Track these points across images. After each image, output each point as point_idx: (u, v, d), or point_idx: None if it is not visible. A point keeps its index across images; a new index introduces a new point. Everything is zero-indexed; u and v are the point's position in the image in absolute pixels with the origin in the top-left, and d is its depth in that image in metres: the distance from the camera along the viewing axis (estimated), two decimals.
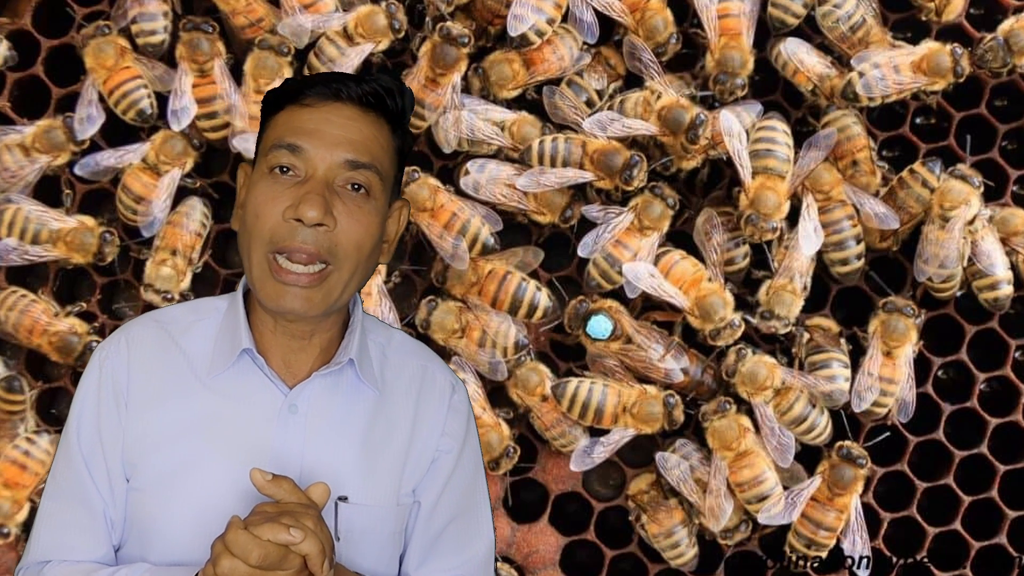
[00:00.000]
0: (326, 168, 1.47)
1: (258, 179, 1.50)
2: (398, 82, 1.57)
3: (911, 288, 2.55)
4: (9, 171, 2.48)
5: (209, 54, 2.46)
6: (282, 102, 1.52)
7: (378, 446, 1.58)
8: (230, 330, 1.56)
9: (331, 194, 1.46)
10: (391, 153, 1.54)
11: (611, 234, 2.44)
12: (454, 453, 1.63)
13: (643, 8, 2.45)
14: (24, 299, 2.48)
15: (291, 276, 1.46)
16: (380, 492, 1.57)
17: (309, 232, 1.45)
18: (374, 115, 1.52)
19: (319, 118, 1.48)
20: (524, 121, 2.48)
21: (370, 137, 1.50)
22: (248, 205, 1.50)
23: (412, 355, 1.67)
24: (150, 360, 1.55)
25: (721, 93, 2.45)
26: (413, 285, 2.62)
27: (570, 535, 2.61)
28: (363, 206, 1.49)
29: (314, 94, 1.50)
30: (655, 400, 2.45)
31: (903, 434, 2.55)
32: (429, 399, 1.63)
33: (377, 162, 1.50)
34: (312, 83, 1.52)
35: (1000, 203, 2.55)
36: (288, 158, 1.47)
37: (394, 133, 1.54)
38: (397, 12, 2.45)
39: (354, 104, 1.50)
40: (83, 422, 1.55)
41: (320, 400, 1.55)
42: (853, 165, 2.47)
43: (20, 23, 2.56)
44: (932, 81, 2.45)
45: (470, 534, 1.66)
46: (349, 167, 1.48)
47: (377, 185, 1.50)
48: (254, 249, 1.48)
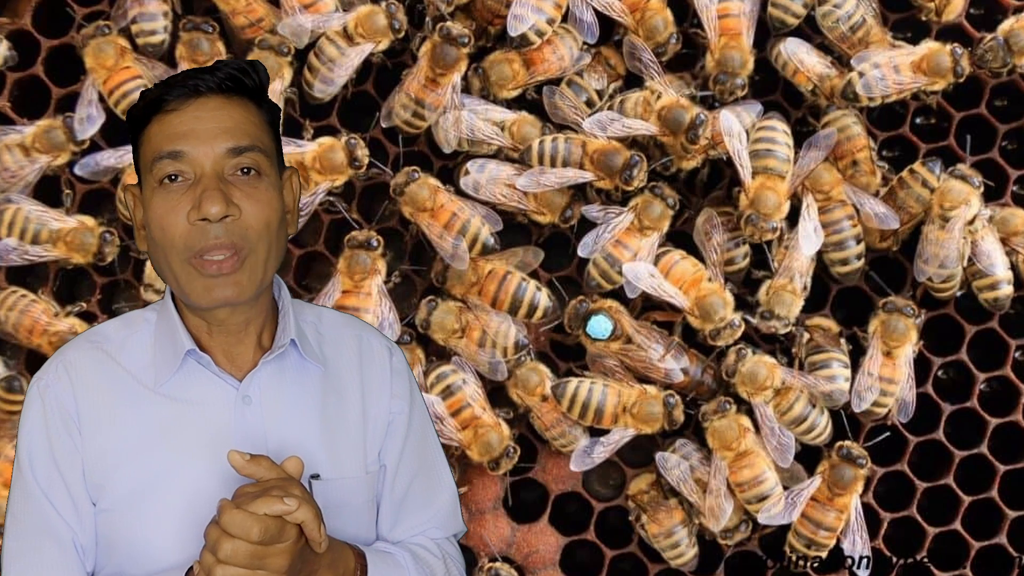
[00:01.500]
0: (212, 162, 1.48)
1: (150, 195, 1.51)
2: (247, 61, 1.60)
3: (911, 288, 2.55)
4: (9, 171, 2.48)
5: (209, 54, 2.46)
6: (147, 115, 1.53)
7: (335, 420, 1.60)
8: (167, 336, 1.56)
9: (226, 184, 1.48)
10: (265, 128, 1.56)
11: (611, 234, 2.44)
12: (405, 413, 1.67)
13: (643, 8, 2.45)
14: (24, 299, 2.48)
15: (214, 265, 1.47)
16: (348, 464, 1.60)
17: (219, 227, 1.47)
18: (238, 98, 1.53)
19: (189, 118, 1.50)
20: (524, 121, 2.48)
21: (242, 120, 1.52)
22: (150, 222, 1.51)
23: (345, 327, 1.70)
24: (93, 380, 1.55)
25: (721, 93, 2.45)
26: (413, 285, 2.62)
27: (570, 535, 2.61)
28: (258, 186, 1.51)
29: (175, 96, 1.51)
30: (655, 400, 2.45)
31: (903, 434, 2.55)
32: (371, 366, 1.66)
33: (257, 141, 1.52)
34: (169, 87, 1.53)
35: (1000, 203, 2.55)
36: (173, 166, 1.48)
37: (260, 108, 1.56)
38: (397, 12, 2.45)
39: (215, 94, 1.52)
40: (35, 455, 1.53)
41: (270, 386, 1.57)
42: (853, 165, 2.47)
43: (20, 23, 2.56)
44: (932, 81, 2.45)
45: (433, 487, 1.70)
46: (233, 154, 1.49)
47: (264, 163, 1.52)
48: (172, 260, 1.50)
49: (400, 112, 2.47)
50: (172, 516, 1.51)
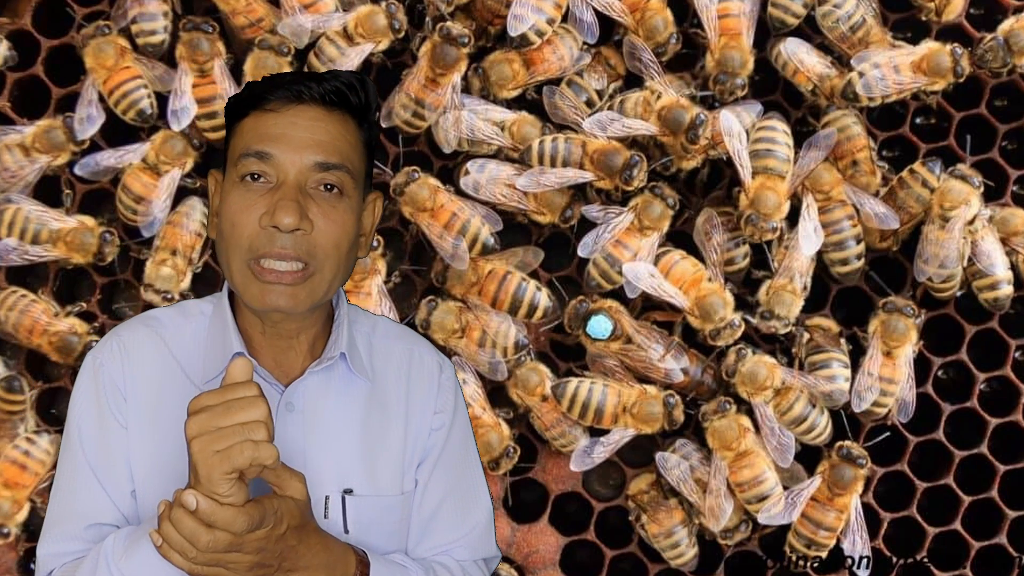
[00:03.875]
0: (297, 172, 1.47)
1: (230, 188, 1.50)
2: (359, 76, 1.58)
3: (911, 288, 2.55)
4: (9, 171, 2.48)
5: (209, 54, 2.46)
6: (246, 108, 1.52)
7: (376, 436, 1.59)
8: (219, 334, 1.56)
9: (304, 197, 1.47)
10: (359, 148, 1.54)
11: (611, 234, 2.44)
12: (444, 428, 1.65)
13: (643, 8, 2.45)
14: (24, 299, 2.48)
15: (274, 274, 1.46)
16: (384, 482, 1.58)
17: (287, 238, 1.46)
18: (339, 113, 1.52)
19: (285, 122, 1.48)
20: (524, 121, 2.48)
21: (337, 136, 1.50)
22: (223, 214, 1.50)
23: (398, 340, 1.68)
24: (146, 365, 1.55)
25: (721, 93, 2.45)
26: (413, 285, 2.62)
27: (570, 535, 2.61)
28: (337, 206, 1.49)
29: (277, 98, 1.50)
30: (655, 400, 2.45)
31: (903, 434, 2.55)
32: (419, 381, 1.65)
33: (347, 160, 1.50)
34: (274, 86, 1.51)
35: (1000, 203, 2.55)
36: (258, 165, 1.47)
37: (360, 127, 1.55)
38: (397, 12, 2.45)
39: (317, 104, 1.50)
40: (85, 430, 1.53)
41: (315, 396, 1.56)
42: (853, 165, 2.47)
43: (20, 23, 2.56)
44: (932, 81, 2.45)
45: (467, 507, 1.67)
46: (319, 169, 1.48)
47: (349, 183, 1.51)
48: (233, 258, 1.49)
49: (400, 112, 2.47)
50: None
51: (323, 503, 1.53)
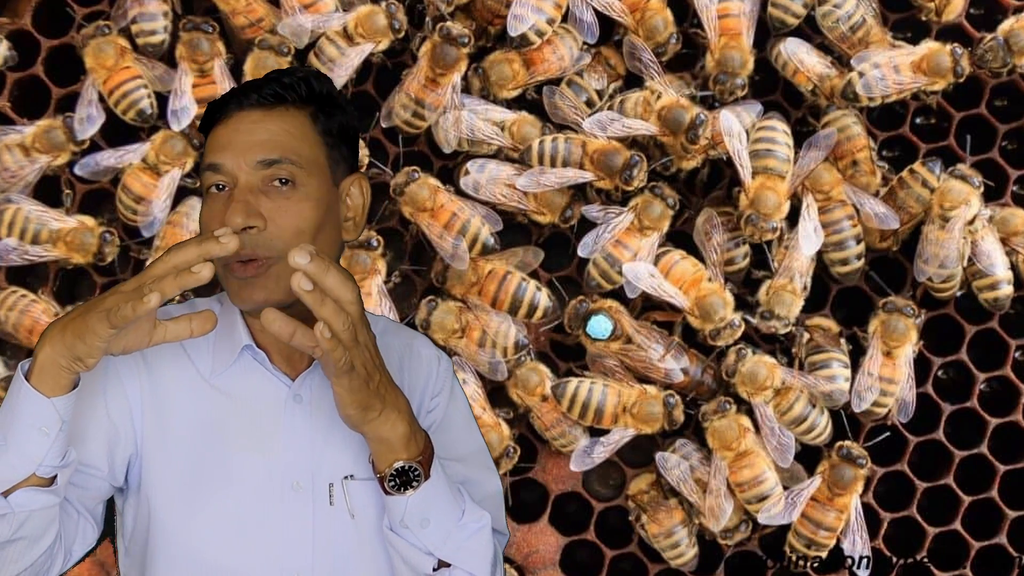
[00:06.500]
0: (244, 175, 1.51)
1: (204, 200, 1.56)
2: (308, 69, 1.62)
3: (911, 288, 2.55)
4: (9, 171, 2.48)
5: (209, 54, 2.46)
6: (208, 125, 1.58)
7: None
8: (227, 328, 1.58)
9: (257, 196, 1.51)
10: (311, 138, 1.57)
11: (611, 234, 2.44)
12: (441, 407, 1.69)
13: (643, 8, 2.45)
14: (24, 299, 2.48)
15: (240, 269, 1.50)
16: None
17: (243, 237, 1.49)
18: (280, 110, 1.55)
19: (229, 130, 1.54)
20: (524, 121, 2.48)
21: (278, 132, 1.54)
22: (199, 226, 1.57)
23: (398, 335, 1.72)
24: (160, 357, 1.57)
25: (721, 93, 2.45)
26: (413, 285, 2.62)
27: (570, 535, 2.61)
28: (291, 196, 1.52)
29: (226, 110, 1.56)
30: (655, 400, 2.45)
31: (903, 434, 2.55)
32: (417, 372, 1.68)
33: (291, 153, 1.53)
34: (225, 100, 1.57)
35: (1000, 203, 2.55)
36: (215, 176, 1.53)
37: (316, 119, 1.57)
38: (397, 12, 2.45)
39: (256, 107, 1.55)
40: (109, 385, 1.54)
41: (322, 388, 1.57)
42: (853, 165, 2.47)
43: (20, 23, 2.56)
44: (932, 81, 2.45)
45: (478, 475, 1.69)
46: (263, 166, 1.51)
47: (300, 174, 1.53)
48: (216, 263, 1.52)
49: (400, 112, 2.47)
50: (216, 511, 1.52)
51: (327, 491, 1.56)
